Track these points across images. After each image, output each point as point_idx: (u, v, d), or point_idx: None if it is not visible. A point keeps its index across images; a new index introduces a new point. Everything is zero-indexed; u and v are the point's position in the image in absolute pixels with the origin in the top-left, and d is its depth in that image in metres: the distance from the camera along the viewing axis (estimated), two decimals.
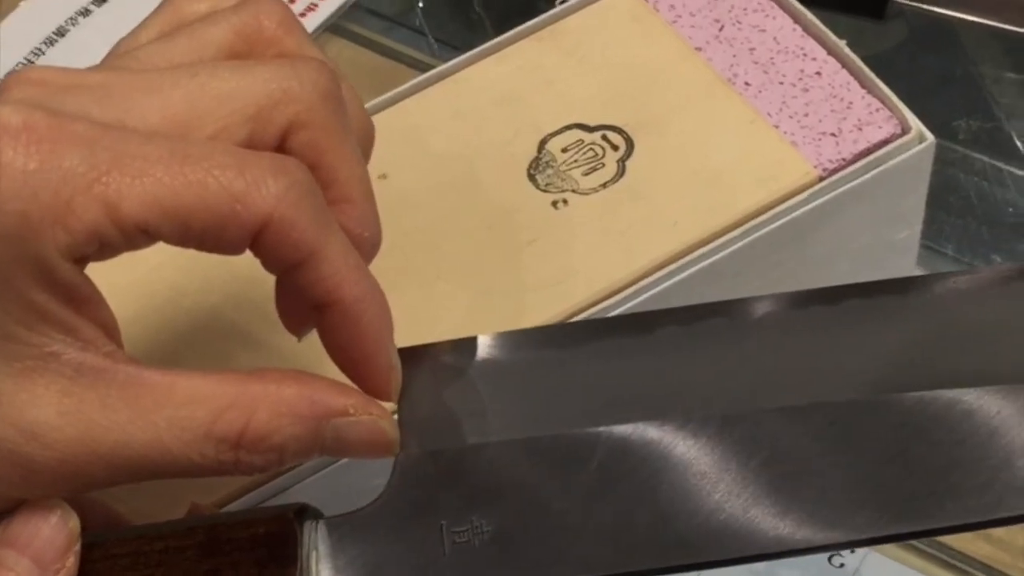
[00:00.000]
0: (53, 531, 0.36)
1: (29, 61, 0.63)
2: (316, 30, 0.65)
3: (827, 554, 0.50)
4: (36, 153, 0.33)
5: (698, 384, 0.38)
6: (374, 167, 0.50)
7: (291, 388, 0.36)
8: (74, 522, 0.36)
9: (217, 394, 0.35)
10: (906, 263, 0.55)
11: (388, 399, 0.38)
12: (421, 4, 0.66)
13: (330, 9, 0.66)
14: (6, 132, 0.33)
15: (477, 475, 0.37)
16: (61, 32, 0.63)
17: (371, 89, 0.53)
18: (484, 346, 0.40)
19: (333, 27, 0.66)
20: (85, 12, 0.64)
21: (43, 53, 0.63)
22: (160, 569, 0.36)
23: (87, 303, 0.35)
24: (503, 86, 0.53)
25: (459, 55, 0.54)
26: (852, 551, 0.50)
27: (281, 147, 0.37)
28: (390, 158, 0.51)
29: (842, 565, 0.50)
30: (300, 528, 0.36)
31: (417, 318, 0.47)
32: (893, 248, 0.54)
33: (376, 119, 0.52)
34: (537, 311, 0.47)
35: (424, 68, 0.54)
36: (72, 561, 0.36)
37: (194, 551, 0.36)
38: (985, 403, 0.37)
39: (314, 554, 0.36)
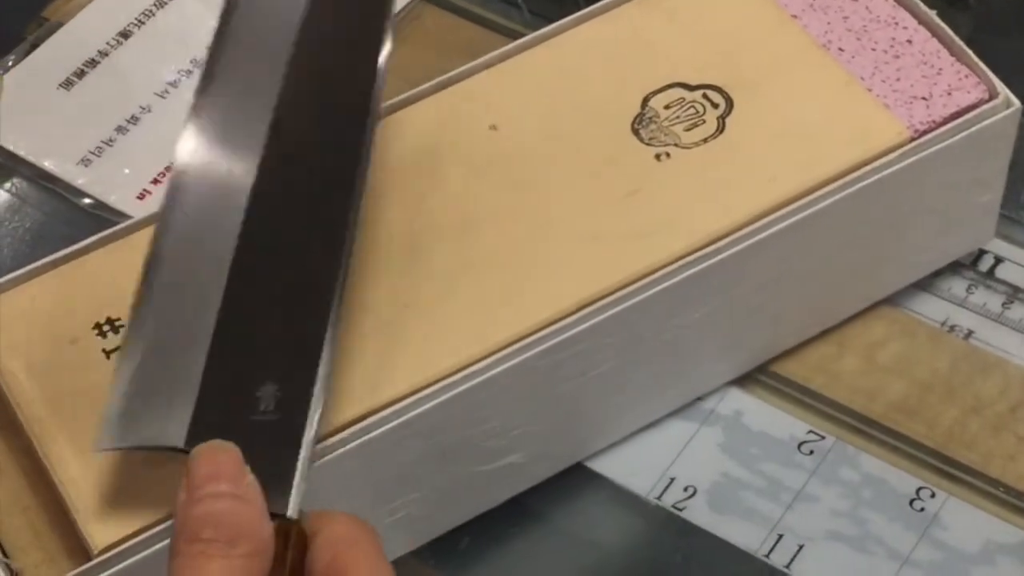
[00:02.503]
0: None
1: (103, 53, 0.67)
2: (412, 0, 0.68)
3: (909, 498, 0.52)
4: None
5: None
6: (484, 118, 0.53)
7: None
8: None
9: None
10: (987, 225, 0.57)
11: None
12: None
13: None
14: None
15: None
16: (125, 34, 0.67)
17: (467, 58, 0.55)
18: None
19: None
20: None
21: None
22: None
23: None
24: (606, 47, 0.55)
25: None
26: (932, 495, 0.52)
27: None
28: (499, 110, 0.53)
29: (922, 509, 0.52)
30: None
31: (527, 258, 0.49)
32: (975, 210, 0.56)
33: (483, 75, 0.55)
34: (639, 257, 0.50)
35: (518, 38, 0.56)
36: None
37: None
38: None
39: None
